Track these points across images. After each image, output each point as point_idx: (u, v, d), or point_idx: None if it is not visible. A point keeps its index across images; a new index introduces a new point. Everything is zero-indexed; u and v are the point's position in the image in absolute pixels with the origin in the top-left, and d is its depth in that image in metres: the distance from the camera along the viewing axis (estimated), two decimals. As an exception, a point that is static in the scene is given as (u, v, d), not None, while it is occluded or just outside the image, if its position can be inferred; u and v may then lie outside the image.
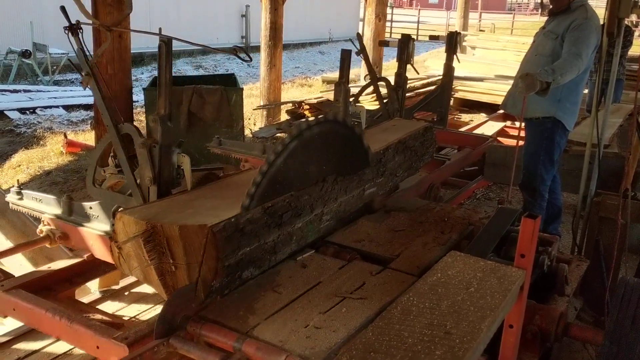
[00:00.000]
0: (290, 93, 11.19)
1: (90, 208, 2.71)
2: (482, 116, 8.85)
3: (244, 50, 2.64)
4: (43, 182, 6.23)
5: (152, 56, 14.40)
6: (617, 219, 3.20)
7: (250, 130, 8.00)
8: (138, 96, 8.56)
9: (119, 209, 2.24)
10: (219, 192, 2.41)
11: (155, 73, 7.59)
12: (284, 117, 8.63)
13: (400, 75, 4.71)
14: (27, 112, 9.37)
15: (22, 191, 3.00)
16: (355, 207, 2.79)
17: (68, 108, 9.85)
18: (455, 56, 5.28)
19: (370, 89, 4.96)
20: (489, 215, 2.90)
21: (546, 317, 2.27)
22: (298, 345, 1.84)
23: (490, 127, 7.26)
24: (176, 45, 2.51)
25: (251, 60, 2.69)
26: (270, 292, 2.20)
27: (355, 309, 2.08)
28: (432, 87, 8.55)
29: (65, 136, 7.34)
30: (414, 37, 5.01)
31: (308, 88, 12.17)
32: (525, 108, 3.79)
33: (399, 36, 4.91)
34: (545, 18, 4.24)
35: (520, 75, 3.53)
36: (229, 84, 6.63)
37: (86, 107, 9.63)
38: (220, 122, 6.10)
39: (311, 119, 3.13)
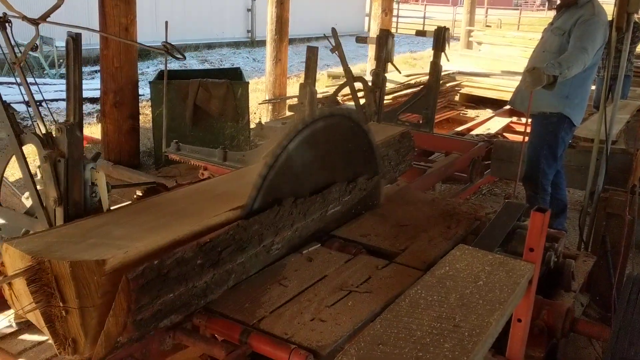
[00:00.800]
0: (296, 88, 11.14)
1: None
2: (488, 112, 8.82)
3: (176, 48, 2.46)
4: (49, 174, 6.23)
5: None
6: (624, 215, 3.19)
7: (255, 124, 8.00)
8: (144, 90, 8.56)
9: (10, 238, 1.85)
10: (136, 216, 2.07)
11: (162, 67, 7.58)
12: (289, 112, 8.63)
13: (378, 74, 4.49)
14: (42, 104, 9.38)
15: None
16: (313, 231, 2.51)
17: (74, 101, 9.86)
18: (443, 54, 5.03)
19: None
20: (495, 210, 2.89)
21: (553, 313, 2.27)
22: (304, 338, 1.84)
23: (496, 123, 7.24)
24: (182, 40, 2.43)
25: (184, 58, 2.49)
26: (276, 285, 2.19)
27: (361, 303, 2.08)
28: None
29: (71, 129, 7.35)
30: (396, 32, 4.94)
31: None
32: (534, 103, 3.78)
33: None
34: (553, 14, 4.23)
35: (527, 69, 3.53)
36: (235, 78, 6.63)
37: (92, 100, 9.64)
38: (225, 115, 6.11)
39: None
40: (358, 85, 4.75)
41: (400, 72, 5.87)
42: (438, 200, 3.22)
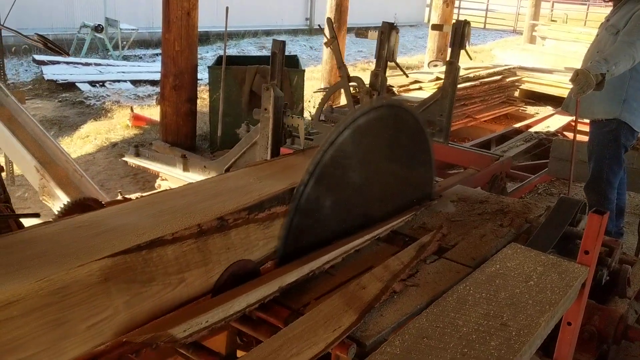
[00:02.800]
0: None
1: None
2: (548, 109, 8.58)
3: (53, 43, 2.33)
4: (109, 153, 6.46)
5: (217, 35, 14.60)
6: (688, 222, 3.06)
7: (310, 113, 8.03)
8: (202, 74, 8.72)
9: None
10: None
11: (221, 52, 7.69)
12: (343, 100, 8.62)
13: (377, 75, 3.88)
14: (97, 85, 9.71)
15: None
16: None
17: (135, 83, 10.15)
18: (465, 51, 4.38)
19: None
20: (549, 207, 2.81)
21: (605, 318, 2.20)
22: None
23: (556, 121, 7.05)
24: (241, 26, 2.45)
25: (68, 54, 2.36)
26: (324, 272, 2.21)
27: (407, 296, 2.07)
28: (499, 77, 8.35)
29: (132, 110, 7.57)
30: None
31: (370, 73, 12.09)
32: (588, 109, 3.62)
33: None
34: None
35: (571, 78, 3.32)
36: (292, 65, 6.67)
37: (152, 82, 9.89)
38: (281, 102, 6.15)
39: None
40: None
41: (407, 76, 5.16)
42: (491, 198, 3.17)
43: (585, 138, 4.06)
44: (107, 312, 1.54)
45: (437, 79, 8.82)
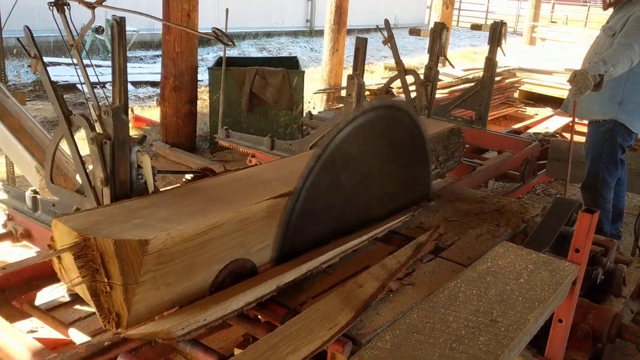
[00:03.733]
0: (352, 78, 11.14)
1: (53, 205, 2.51)
2: (547, 110, 8.60)
3: (225, 34, 2.47)
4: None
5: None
6: (683, 223, 3.08)
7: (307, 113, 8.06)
8: (203, 75, 8.74)
9: (60, 215, 1.89)
10: (181, 198, 2.09)
11: (221, 54, 7.73)
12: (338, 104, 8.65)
13: (431, 68, 4.44)
14: (97, 86, 9.71)
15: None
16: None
17: (135, 84, 10.17)
18: (500, 49, 4.88)
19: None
20: (545, 207, 2.84)
21: (599, 317, 2.22)
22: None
23: (555, 122, 7.06)
24: (242, 27, 2.46)
25: (233, 45, 2.51)
26: (321, 272, 2.24)
27: (403, 294, 2.09)
28: (498, 78, 8.35)
29: (132, 111, 7.59)
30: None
31: (370, 74, 12.10)
32: (585, 109, 3.64)
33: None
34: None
35: (569, 78, 3.35)
36: (292, 66, 6.69)
37: (153, 84, 9.91)
38: (280, 103, 6.19)
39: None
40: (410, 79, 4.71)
41: (453, 67, 5.77)
42: (488, 198, 3.19)
43: (584, 139, 4.08)
44: (269, 240, 2.13)
45: (437, 80, 8.85)
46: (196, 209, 1.96)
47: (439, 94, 7.70)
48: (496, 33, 4.75)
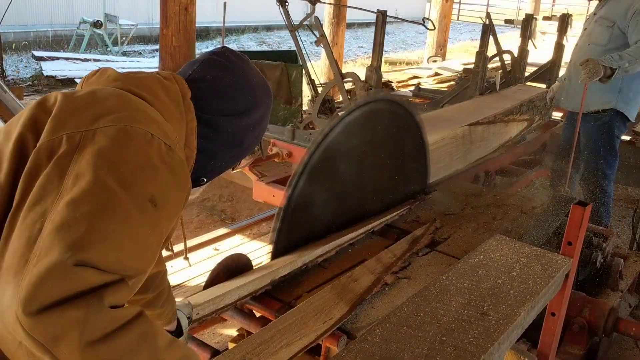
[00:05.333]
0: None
1: (310, 134, 3.17)
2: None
3: (430, 20, 2.69)
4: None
5: (218, 31, 14.58)
6: (681, 216, 3.07)
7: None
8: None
9: None
10: None
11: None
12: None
13: (523, 49, 5.60)
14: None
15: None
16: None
17: (135, 79, 10.15)
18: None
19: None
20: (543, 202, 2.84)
21: (595, 311, 2.22)
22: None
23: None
24: (241, 21, 2.50)
25: (434, 28, 2.69)
26: (317, 266, 2.24)
27: (398, 288, 2.09)
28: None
29: (131, 105, 7.59)
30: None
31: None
32: (581, 101, 3.62)
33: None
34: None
35: (581, 62, 3.34)
36: (291, 60, 6.67)
37: (152, 78, 9.88)
38: (279, 97, 6.17)
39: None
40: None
41: (536, 48, 6.61)
42: (485, 191, 3.19)
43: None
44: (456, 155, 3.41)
45: (436, 74, 8.82)
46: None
47: (439, 88, 7.73)
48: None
